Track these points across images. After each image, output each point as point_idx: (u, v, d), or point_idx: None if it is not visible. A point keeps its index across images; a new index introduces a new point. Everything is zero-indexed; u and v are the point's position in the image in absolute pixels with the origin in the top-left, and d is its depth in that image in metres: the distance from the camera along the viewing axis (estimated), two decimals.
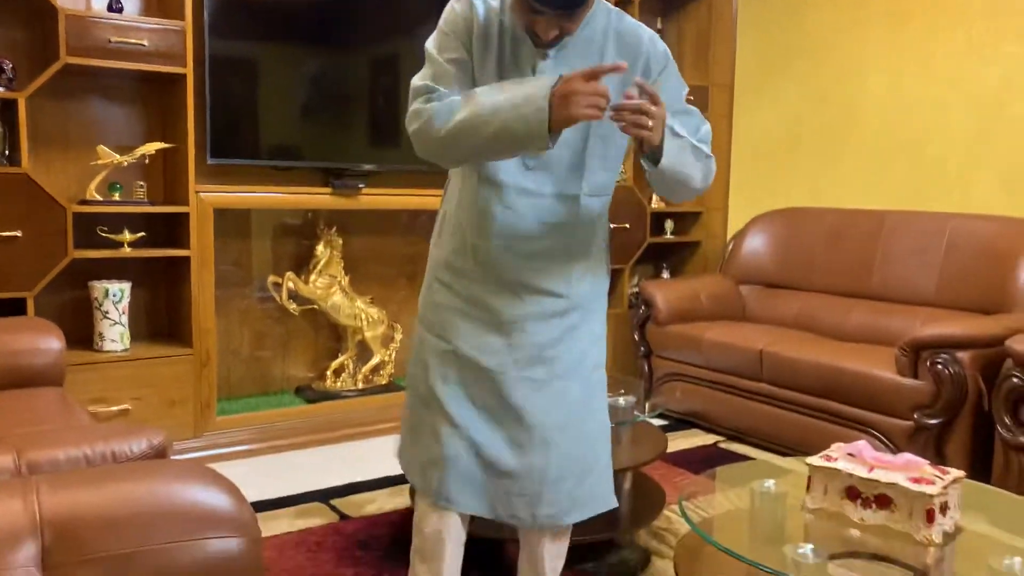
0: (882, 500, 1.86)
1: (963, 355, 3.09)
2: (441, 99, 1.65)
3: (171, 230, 3.55)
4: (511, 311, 1.77)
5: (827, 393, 3.47)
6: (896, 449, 3.22)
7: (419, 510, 1.89)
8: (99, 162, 3.30)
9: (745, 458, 3.59)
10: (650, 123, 1.53)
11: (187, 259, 3.43)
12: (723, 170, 4.97)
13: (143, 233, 3.42)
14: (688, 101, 1.82)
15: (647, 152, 1.64)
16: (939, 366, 3.10)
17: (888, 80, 4.17)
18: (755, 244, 4.51)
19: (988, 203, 3.80)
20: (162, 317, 3.71)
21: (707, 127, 1.80)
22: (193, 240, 3.42)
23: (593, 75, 1.50)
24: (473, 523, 2.14)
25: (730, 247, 4.65)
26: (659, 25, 5.02)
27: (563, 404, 1.80)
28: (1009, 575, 1.63)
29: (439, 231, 1.89)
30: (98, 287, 3.32)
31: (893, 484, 1.83)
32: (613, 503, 1.88)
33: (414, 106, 1.67)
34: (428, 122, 1.63)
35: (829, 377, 3.44)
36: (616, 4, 3.63)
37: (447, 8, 1.74)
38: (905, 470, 1.89)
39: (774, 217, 4.51)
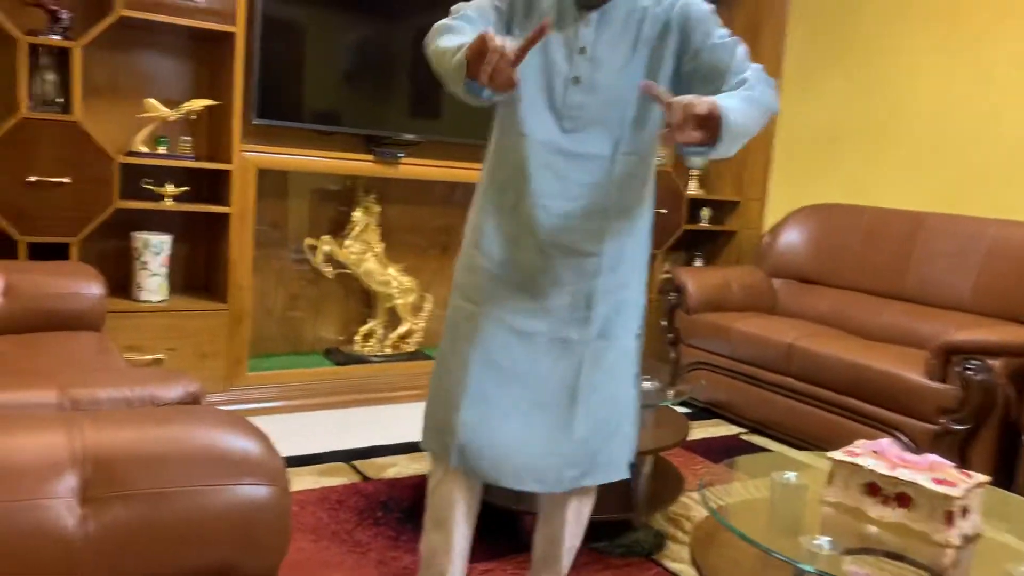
0: (902, 499, 1.87)
1: (994, 362, 3.06)
2: (454, 17, 1.75)
3: (213, 186, 3.61)
4: (544, 272, 1.76)
5: (853, 391, 3.45)
6: (919, 451, 3.20)
7: (433, 477, 1.90)
8: (147, 115, 3.36)
9: (766, 451, 3.59)
10: (696, 134, 1.46)
11: (227, 216, 3.48)
12: (764, 161, 4.93)
13: (186, 188, 3.48)
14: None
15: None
16: (969, 372, 3.07)
17: (938, 80, 4.10)
18: (791, 237, 4.48)
19: None
20: (200, 272, 3.77)
21: (743, 48, 1.71)
22: (234, 198, 3.47)
23: (521, 48, 1.48)
24: (488, 492, 2.17)
25: (766, 239, 4.62)
26: None
27: (595, 367, 1.80)
28: None
29: (480, 193, 1.89)
30: (140, 238, 3.38)
31: (915, 483, 1.84)
32: (626, 473, 1.90)
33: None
34: (430, 34, 1.75)
35: (856, 375, 3.43)
36: None
37: None
38: (929, 471, 1.89)
39: (813, 212, 4.47)
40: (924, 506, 1.83)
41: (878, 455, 1.97)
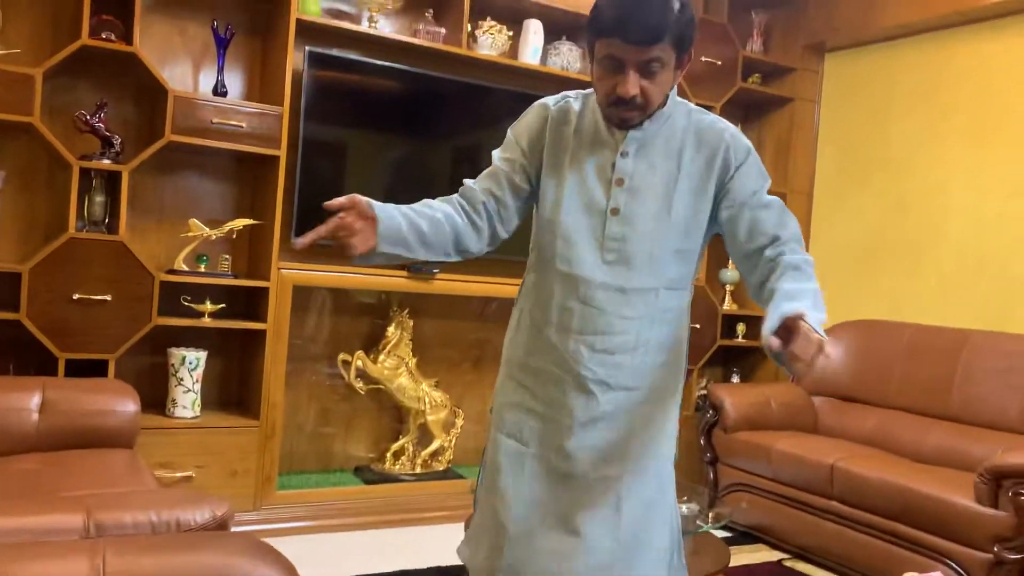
0: None
1: None
2: (462, 193, 1.93)
3: (251, 303, 3.66)
4: (588, 410, 1.72)
5: (900, 516, 3.31)
6: None
7: None
8: (190, 234, 3.45)
9: None
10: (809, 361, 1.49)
11: (263, 332, 3.52)
12: None
13: (223, 304, 3.53)
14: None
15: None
16: (1022, 496, 2.94)
17: (972, 195, 4.10)
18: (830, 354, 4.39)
19: None
20: (233, 387, 3.78)
21: (795, 223, 1.72)
22: (271, 314, 3.51)
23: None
24: None
25: None
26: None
27: (631, 498, 1.72)
28: None
29: (515, 328, 1.86)
30: (176, 354, 3.42)
31: None
32: None
33: None
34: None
35: (903, 499, 3.29)
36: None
37: (528, 110, 1.86)
38: None
39: (851, 328, 4.41)
40: None
41: None
